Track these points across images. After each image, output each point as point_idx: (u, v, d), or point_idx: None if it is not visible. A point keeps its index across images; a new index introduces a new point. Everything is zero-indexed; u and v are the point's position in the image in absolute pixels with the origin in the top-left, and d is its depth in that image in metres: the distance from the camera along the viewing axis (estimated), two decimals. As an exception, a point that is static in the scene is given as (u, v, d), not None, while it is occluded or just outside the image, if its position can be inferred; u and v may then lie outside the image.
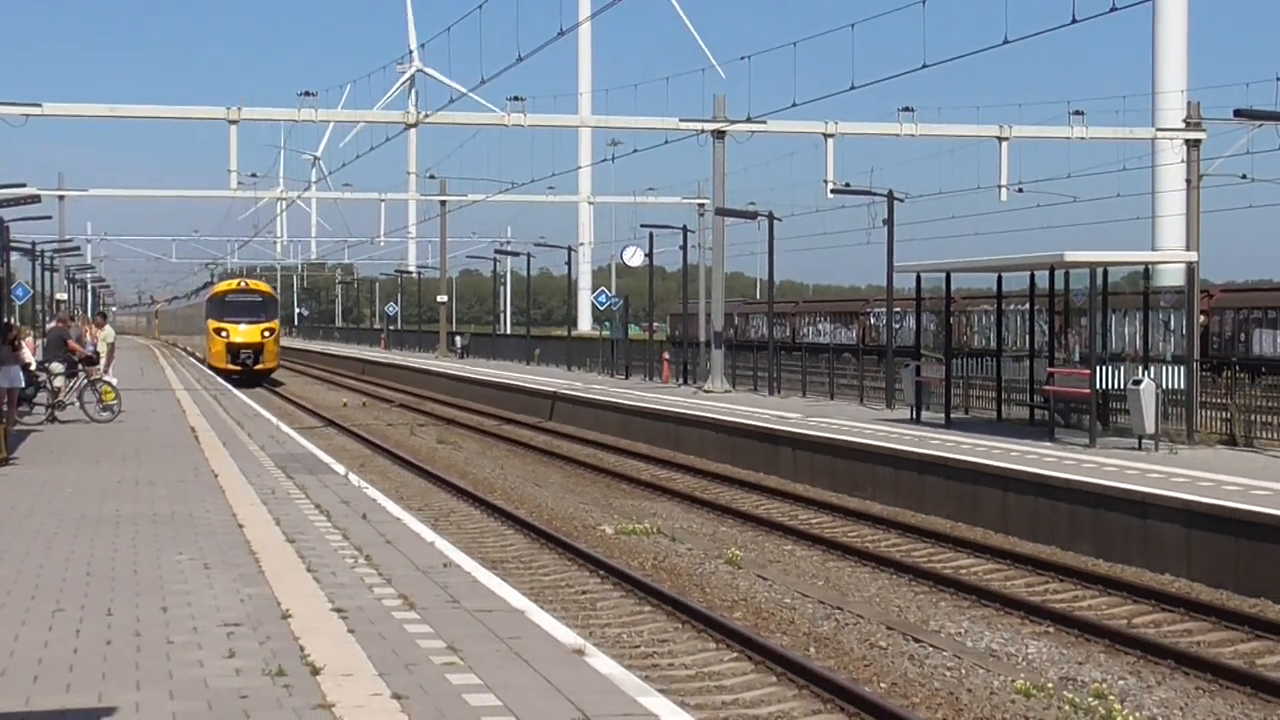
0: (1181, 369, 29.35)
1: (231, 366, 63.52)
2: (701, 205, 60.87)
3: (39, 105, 39.91)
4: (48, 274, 77.69)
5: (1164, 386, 26.81)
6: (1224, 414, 28.07)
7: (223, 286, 72.10)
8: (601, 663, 10.05)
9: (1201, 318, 43.23)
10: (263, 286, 73.24)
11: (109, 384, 33.67)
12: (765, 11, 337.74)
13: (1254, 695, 13.47)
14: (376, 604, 11.87)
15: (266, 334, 65.98)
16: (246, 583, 12.78)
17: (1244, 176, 41.18)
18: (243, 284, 72.23)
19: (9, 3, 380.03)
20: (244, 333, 65.00)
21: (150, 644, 10.41)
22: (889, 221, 39.46)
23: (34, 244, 68.37)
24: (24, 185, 46.18)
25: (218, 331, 65.08)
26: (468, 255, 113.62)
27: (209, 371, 62.84)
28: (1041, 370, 28.87)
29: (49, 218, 64.47)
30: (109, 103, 43.16)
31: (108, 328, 40.18)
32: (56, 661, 9.89)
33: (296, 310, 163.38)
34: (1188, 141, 36.02)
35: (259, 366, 65.12)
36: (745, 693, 13.32)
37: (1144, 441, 25.71)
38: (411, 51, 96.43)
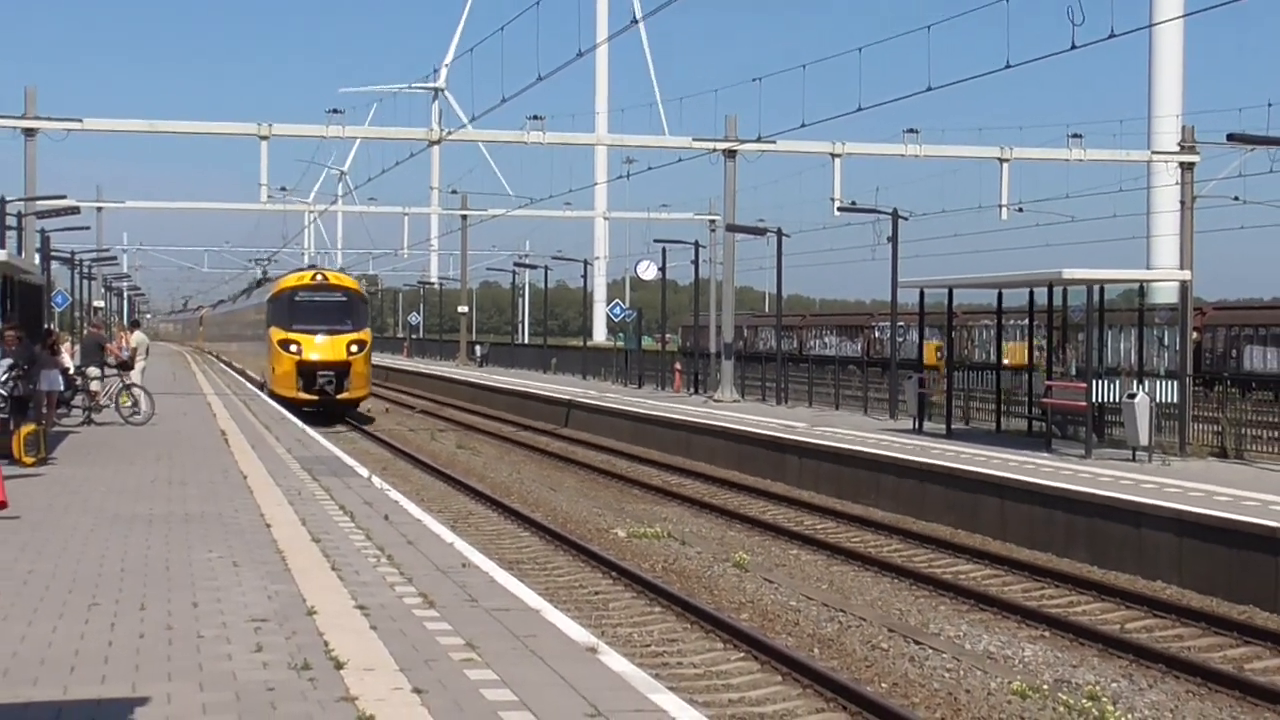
0: (1175, 383, 29.32)
1: (304, 395, 44.49)
2: (713, 221, 60.95)
3: (79, 120, 40.06)
4: (86, 282, 77.90)
5: (1158, 400, 26.77)
6: (1215, 427, 28.04)
7: (291, 280, 49.81)
8: (614, 660, 10.05)
9: (1194, 334, 43.18)
10: (347, 280, 51.54)
11: (139, 387, 33.70)
12: (776, 35, 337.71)
13: (1242, 699, 13.45)
14: (398, 602, 11.88)
15: (354, 349, 45.63)
16: (273, 580, 12.79)
17: (1236, 198, 41.24)
18: (319, 276, 49.59)
19: (50, 21, 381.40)
20: (322, 346, 45.30)
21: (181, 638, 10.43)
22: (893, 239, 39.43)
23: (73, 253, 68.57)
24: (64, 197, 46.33)
25: (284, 345, 45.45)
26: (488, 268, 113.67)
27: (271, 400, 43.96)
28: (1039, 383, 28.85)
29: (87, 228, 64.42)
30: (146, 118, 43.30)
31: (138, 333, 40.32)
32: (92, 654, 9.91)
33: None
34: (1182, 164, 35.98)
35: (343, 395, 45.31)
36: (751, 691, 13.33)
37: (1138, 453, 25.67)
38: (436, 70, 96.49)
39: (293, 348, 45.47)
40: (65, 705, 8.58)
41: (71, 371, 32.53)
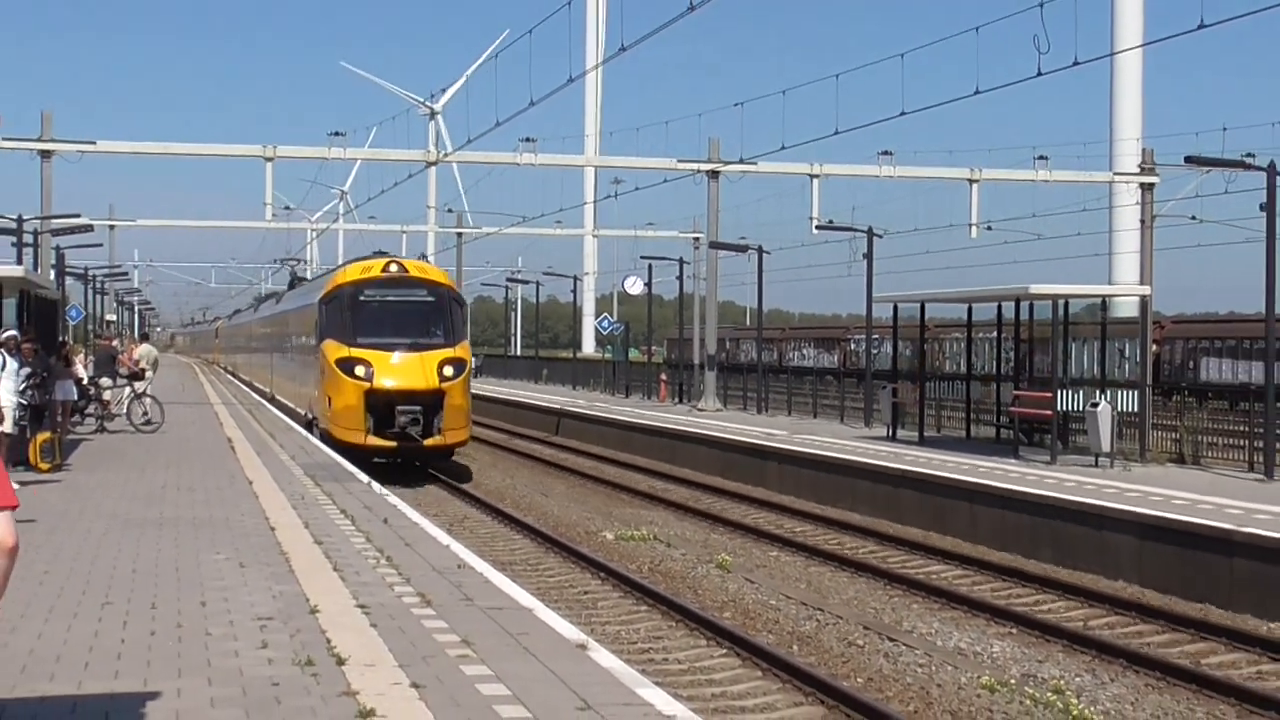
0: (1135, 393, 29.41)
1: (376, 440, 30.18)
2: (697, 239, 60.93)
3: (93, 143, 40.01)
4: (98, 296, 77.74)
5: (1119, 409, 26.85)
6: (1174, 434, 28.13)
7: (354, 272, 33.52)
8: (602, 657, 10.05)
9: (1154, 347, 43.26)
10: (433, 272, 35.26)
11: (150, 396, 33.67)
12: (758, 61, 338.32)
13: (1199, 692, 13.50)
14: (396, 601, 11.88)
15: (449, 371, 30.66)
16: (278, 580, 12.79)
17: (1193, 218, 41.28)
18: (393, 266, 33.26)
19: (66, 48, 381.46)
20: (403, 369, 30.47)
21: (190, 635, 10.43)
22: (868, 255, 39.49)
23: (86, 269, 68.36)
24: (78, 215, 46.21)
25: (346, 366, 30.57)
26: (482, 283, 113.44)
27: (324, 445, 29.57)
28: (1007, 393, 28.91)
29: (100, 245, 63.93)
30: (156, 140, 43.27)
31: (145, 346, 40.33)
32: (105, 651, 9.91)
33: None
34: (1142, 185, 36.09)
35: (434, 440, 30.49)
36: (733, 686, 13.34)
37: (1100, 459, 25.74)
38: (434, 95, 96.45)
39: (359, 370, 30.12)
40: (80, 700, 8.57)
41: (85, 382, 32.50)
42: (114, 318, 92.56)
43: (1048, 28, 23.67)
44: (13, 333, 22.61)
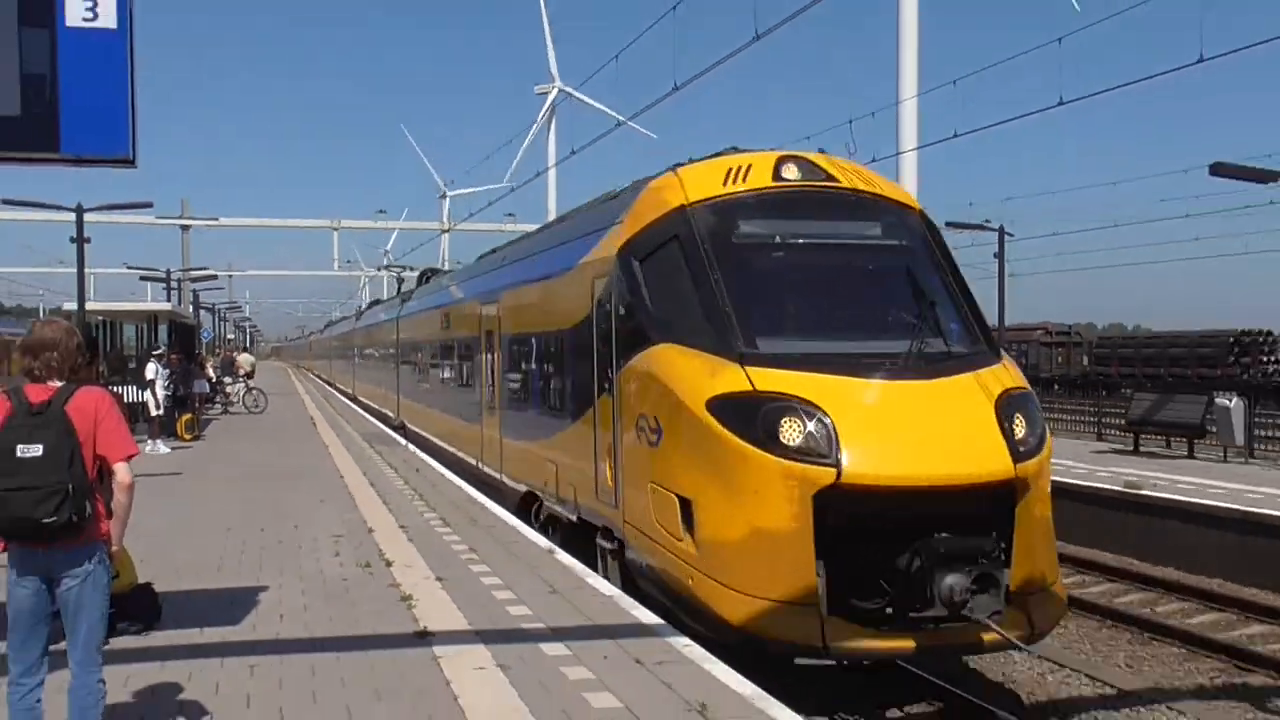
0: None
1: (865, 641, 5.53)
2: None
3: (217, 219, 39.65)
4: (222, 323, 76.71)
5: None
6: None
7: (707, 178, 6.99)
8: (564, 559, 10.11)
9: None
10: (883, 184, 7.51)
11: (258, 389, 33.32)
12: (678, 151, 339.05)
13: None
14: (425, 524, 11.89)
15: (1022, 430, 5.93)
16: (346, 510, 12.76)
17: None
18: (792, 166, 6.78)
19: (199, 147, 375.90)
20: (912, 422, 5.55)
21: (286, 549, 10.42)
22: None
23: (214, 305, 67.40)
24: (207, 268, 45.70)
25: (745, 417, 5.64)
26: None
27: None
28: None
29: (222, 288, 63.42)
30: (259, 216, 42.85)
31: (244, 355, 40.03)
32: (230, 560, 9.90)
33: None
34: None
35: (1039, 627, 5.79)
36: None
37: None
38: (446, 183, 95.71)
39: (792, 431, 5.65)
40: (215, 592, 8.60)
41: (214, 380, 32.18)
42: (233, 337, 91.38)
43: (855, 137, 24.06)
44: (162, 350, 22.49)
